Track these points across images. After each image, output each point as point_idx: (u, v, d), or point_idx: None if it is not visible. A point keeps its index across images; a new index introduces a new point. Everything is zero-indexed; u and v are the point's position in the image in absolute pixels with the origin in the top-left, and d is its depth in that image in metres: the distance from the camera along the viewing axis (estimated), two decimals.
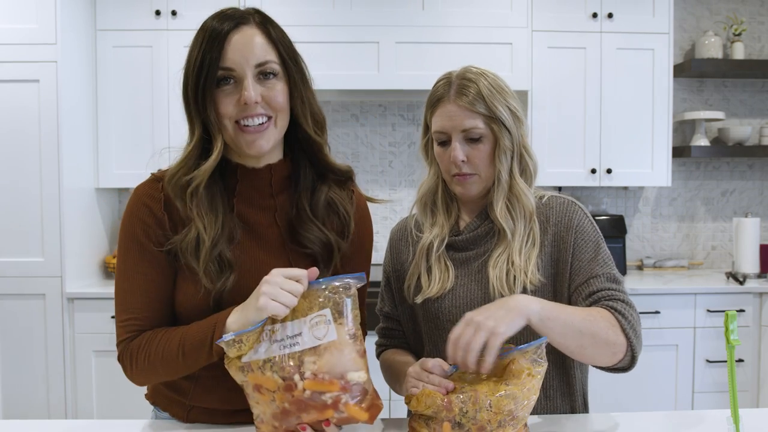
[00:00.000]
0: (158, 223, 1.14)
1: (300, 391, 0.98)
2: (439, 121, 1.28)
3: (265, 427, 1.04)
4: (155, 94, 2.99)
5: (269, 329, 1.02)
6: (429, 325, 1.32)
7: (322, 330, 1.00)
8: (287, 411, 1.00)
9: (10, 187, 2.73)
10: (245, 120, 1.10)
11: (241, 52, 1.08)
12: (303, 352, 1.00)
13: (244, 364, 1.02)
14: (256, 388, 1.01)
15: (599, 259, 1.25)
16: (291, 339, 1.01)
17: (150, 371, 1.13)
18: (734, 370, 0.97)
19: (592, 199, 3.46)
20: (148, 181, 1.19)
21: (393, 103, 3.38)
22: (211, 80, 1.08)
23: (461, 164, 1.25)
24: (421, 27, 2.99)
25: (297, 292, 1.01)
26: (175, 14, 2.95)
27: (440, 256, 1.30)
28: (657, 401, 2.91)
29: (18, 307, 2.74)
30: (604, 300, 1.20)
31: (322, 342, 1.00)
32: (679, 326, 2.91)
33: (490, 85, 1.25)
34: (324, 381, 0.98)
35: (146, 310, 1.14)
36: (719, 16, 3.47)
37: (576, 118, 3.08)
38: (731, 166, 3.53)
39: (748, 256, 3.12)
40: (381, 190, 3.41)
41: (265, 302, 1.00)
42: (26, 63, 2.70)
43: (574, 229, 1.26)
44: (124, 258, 1.15)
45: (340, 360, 0.99)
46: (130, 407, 2.77)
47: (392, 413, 2.79)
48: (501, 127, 1.25)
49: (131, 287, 1.14)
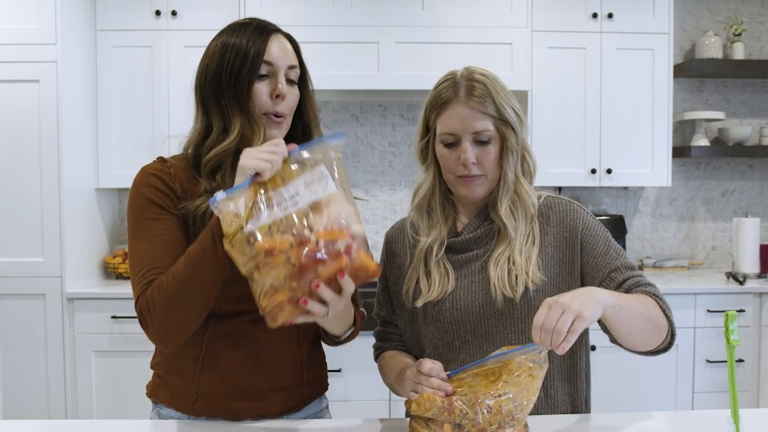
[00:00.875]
0: (169, 189, 1.20)
1: (313, 243, 0.99)
2: (448, 122, 1.26)
3: (280, 294, 1.01)
4: (155, 94, 2.99)
5: (265, 197, 1.02)
6: (429, 328, 1.32)
7: (321, 184, 1.03)
8: (304, 267, 0.99)
9: (10, 187, 2.73)
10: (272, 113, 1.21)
11: (279, 53, 1.22)
12: (306, 211, 1.01)
13: (248, 233, 1.00)
14: (268, 253, 0.99)
15: (612, 252, 1.28)
16: (291, 199, 1.02)
17: (168, 310, 1.10)
18: (734, 370, 0.97)
19: (592, 199, 3.46)
20: (154, 161, 1.26)
21: (393, 103, 3.38)
22: (255, 70, 1.20)
23: (472, 166, 1.25)
24: (421, 27, 2.99)
25: (276, 151, 1.05)
26: (175, 14, 2.95)
27: (440, 260, 1.30)
28: (657, 401, 2.91)
29: (18, 307, 2.74)
30: (636, 287, 1.25)
31: (321, 196, 1.02)
32: (679, 326, 2.86)
33: (496, 86, 1.26)
34: (334, 230, 1.00)
35: (161, 259, 1.15)
36: (719, 16, 3.47)
37: (576, 118, 3.08)
38: (731, 166, 3.53)
39: (748, 256, 3.12)
40: (381, 190, 3.41)
41: (245, 161, 1.04)
42: (26, 63, 2.70)
43: (580, 229, 1.28)
44: (136, 221, 1.19)
45: (344, 210, 1.03)
46: (129, 407, 2.77)
47: (392, 413, 2.80)
48: (508, 128, 1.25)
49: (148, 244, 1.16)
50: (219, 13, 2.95)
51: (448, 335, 1.29)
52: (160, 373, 1.30)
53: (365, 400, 2.80)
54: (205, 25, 2.95)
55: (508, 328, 1.26)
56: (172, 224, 1.18)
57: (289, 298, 1.01)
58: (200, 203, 1.18)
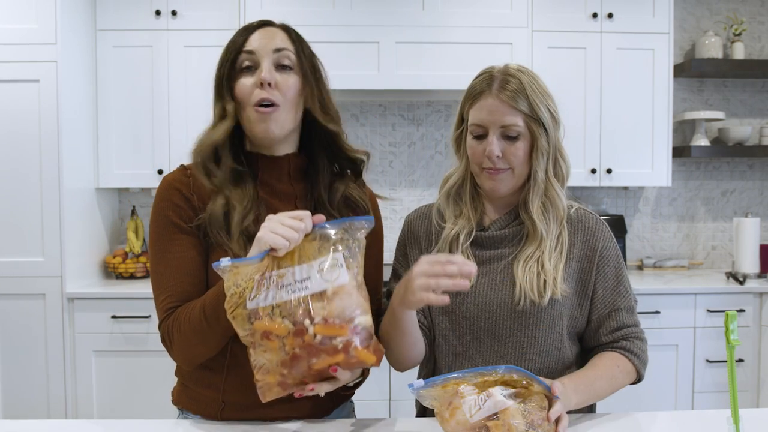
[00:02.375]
0: (187, 203, 1.20)
1: (311, 335, 0.97)
2: (477, 114, 1.26)
3: (270, 377, 1.01)
4: (155, 94, 2.98)
5: (276, 274, 1.00)
6: (442, 318, 1.30)
7: (334, 273, 1.00)
8: (297, 356, 0.98)
9: (10, 187, 2.73)
10: (261, 103, 1.17)
11: (262, 40, 1.19)
12: (311, 297, 0.98)
13: (250, 311, 0.99)
14: (265, 336, 0.98)
15: (620, 290, 1.31)
16: (300, 283, 0.99)
17: (185, 344, 1.14)
18: (734, 370, 0.97)
19: (592, 199, 3.46)
20: (176, 169, 1.27)
21: (393, 103, 3.38)
22: (232, 63, 1.18)
23: (496, 160, 1.24)
24: (421, 27, 2.99)
25: (298, 228, 1.01)
26: (175, 14, 2.95)
27: (465, 251, 1.29)
28: (657, 401, 2.91)
29: (18, 307, 2.74)
30: (623, 340, 1.30)
31: (332, 285, 0.99)
32: (679, 326, 2.91)
33: (532, 83, 1.25)
34: (335, 325, 0.98)
35: (180, 287, 1.16)
36: (719, 16, 3.46)
37: (576, 118, 3.08)
38: (731, 166, 3.53)
39: (748, 256, 3.11)
40: (381, 190, 3.39)
41: (264, 233, 1.01)
42: (26, 63, 2.70)
43: (598, 253, 1.30)
44: (156, 241, 1.20)
45: (349, 304, 0.99)
46: (130, 407, 2.77)
47: (392, 413, 2.79)
48: (540, 126, 1.24)
49: (165, 269, 1.18)
50: (219, 13, 2.94)
51: (461, 328, 1.29)
52: (185, 382, 1.28)
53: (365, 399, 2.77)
54: (205, 25, 2.95)
55: (522, 331, 1.26)
56: (189, 245, 1.19)
57: (279, 382, 1.00)
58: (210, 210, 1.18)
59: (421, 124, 3.38)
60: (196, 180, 1.21)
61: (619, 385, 1.27)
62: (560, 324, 1.28)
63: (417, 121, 3.38)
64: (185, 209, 1.19)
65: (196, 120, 2.95)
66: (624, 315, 1.30)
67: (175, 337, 1.15)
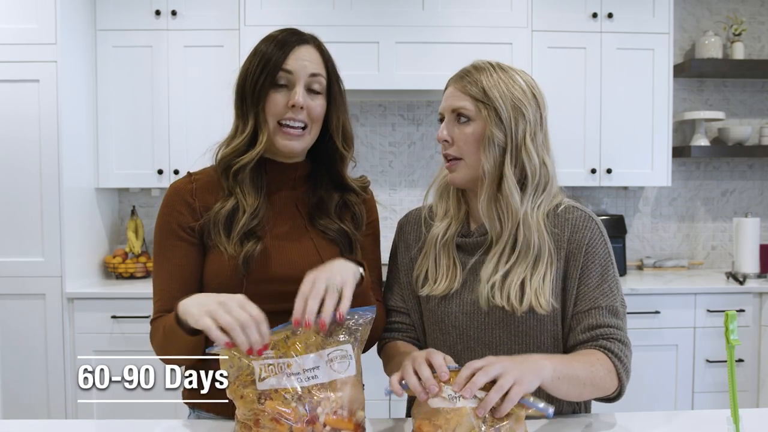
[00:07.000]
0: (190, 209, 1.25)
1: (320, 426, 0.99)
2: (441, 104, 1.28)
3: None
4: (155, 94, 2.98)
5: (284, 362, 1.00)
6: (432, 326, 1.30)
7: (344, 364, 1.02)
8: None
9: (10, 187, 2.73)
10: (287, 121, 1.23)
11: (301, 61, 1.24)
12: (321, 386, 1.00)
13: (261, 391, 1.00)
14: (275, 420, 0.99)
15: (605, 287, 1.21)
16: (309, 372, 1.01)
17: (163, 351, 1.18)
18: (734, 370, 0.97)
19: (592, 199, 3.46)
20: (182, 177, 1.32)
21: (393, 103, 3.38)
22: (271, 78, 1.22)
23: (444, 144, 1.25)
24: (421, 27, 2.99)
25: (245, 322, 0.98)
26: (175, 14, 2.95)
27: (449, 249, 1.27)
28: (657, 401, 2.91)
29: (18, 307, 2.74)
30: (603, 339, 1.19)
31: (341, 376, 1.01)
32: (679, 326, 2.91)
33: (495, 73, 1.23)
34: (343, 419, 1.01)
35: (170, 293, 1.21)
36: (719, 16, 3.46)
37: (576, 118, 3.08)
38: (731, 166, 3.53)
39: (748, 256, 3.12)
40: (381, 190, 3.41)
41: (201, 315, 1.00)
42: (26, 63, 2.70)
43: (585, 249, 1.22)
44: (158, 246, 1.26)
45: (355, 396, 1.02)
46: (129, 407, 2.77)
47: (392, 413, 2.79)
48: (491, 112, 1.20)
49: (162, 274, 1.24)
50: (219, 13, 2.94)
51: (451, 338, 1.27)
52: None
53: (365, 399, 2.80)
54: (205, 25, 2.95)
55: (513, 339, 1.23)
56: (187, 253, 1.23)
57: None
58: (218, 209, 1.22)
59: (420, 124, 3.38)
60: (201, 184, 1.26)
61: (599, 378, 1.14)
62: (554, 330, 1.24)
63: (417, 121, 3.38)
64: (186, 216, 1.24)
65: (196, 120, 2.98)
66: (604, 314, 1.20)
67: (155, 342, 1.21)
